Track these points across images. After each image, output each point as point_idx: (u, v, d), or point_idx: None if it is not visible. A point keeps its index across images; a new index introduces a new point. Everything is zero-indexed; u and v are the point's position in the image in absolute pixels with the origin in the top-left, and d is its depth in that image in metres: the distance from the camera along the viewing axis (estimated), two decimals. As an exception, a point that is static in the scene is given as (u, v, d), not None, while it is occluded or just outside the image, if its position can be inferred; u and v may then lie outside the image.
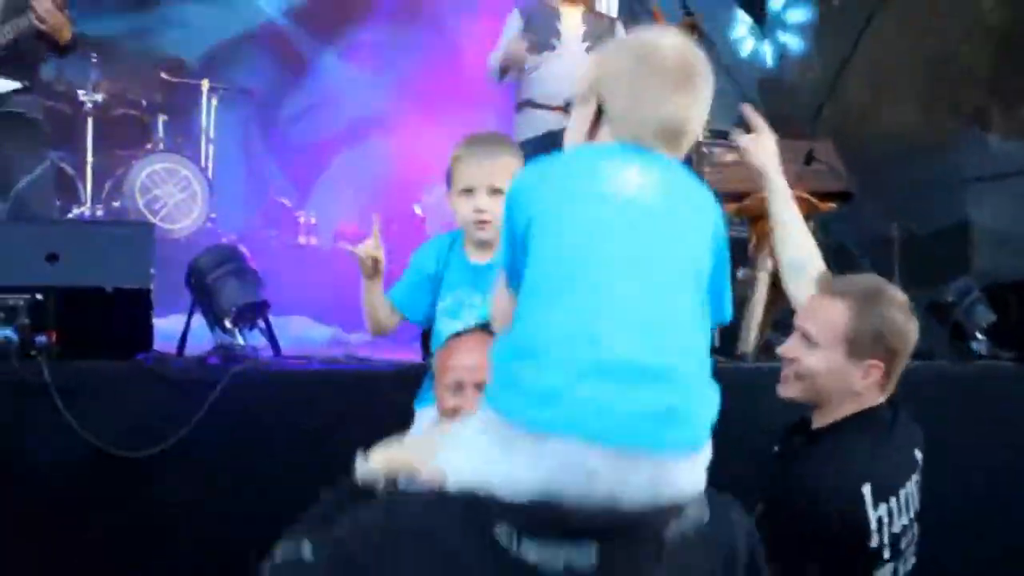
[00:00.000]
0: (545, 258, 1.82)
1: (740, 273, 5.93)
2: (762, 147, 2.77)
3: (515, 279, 1.88)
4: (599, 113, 1.98)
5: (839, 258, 4.72)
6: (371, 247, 2.77)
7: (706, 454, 1.80)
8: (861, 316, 2.42)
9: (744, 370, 3.84)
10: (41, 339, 2.89)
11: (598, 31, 5.06)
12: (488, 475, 1.71)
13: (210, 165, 8.07)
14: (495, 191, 2.68)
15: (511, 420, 1.71)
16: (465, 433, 1.85)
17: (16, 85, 4.19)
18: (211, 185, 7.56)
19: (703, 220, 1.93)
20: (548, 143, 4.40)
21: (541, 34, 5.01)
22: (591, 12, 5.29)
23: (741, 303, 4.67)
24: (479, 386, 2.08)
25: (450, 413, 2.35)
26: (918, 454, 2.51)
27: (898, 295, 2.50)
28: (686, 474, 1.75)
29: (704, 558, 1.79)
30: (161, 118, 7.87)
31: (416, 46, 9.06)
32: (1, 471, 2.77)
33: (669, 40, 1.99)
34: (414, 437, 2.40)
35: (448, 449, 1.86)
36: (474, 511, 1.71)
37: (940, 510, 2.55)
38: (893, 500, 2.38)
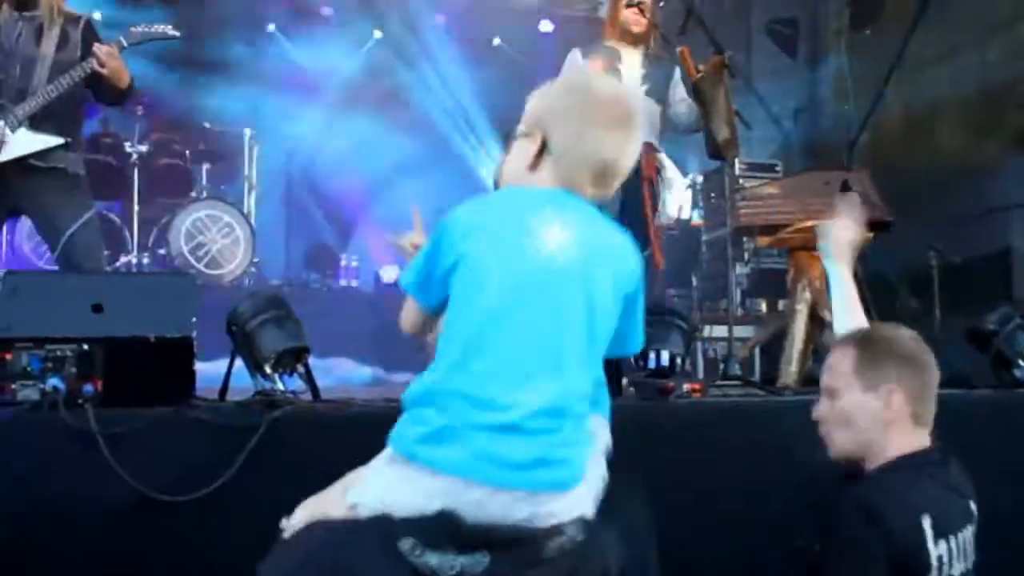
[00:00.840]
0: (464, 315, 2.05)
1: (780, 305, 5.92)
2: (841, 236, 2.95)
3: (425, 298, 2.16)
4: (542, 148, 2.15)
5: (878, 288, 4.69)
6: (415, 237, 2.78)
7: (586, 486, 2.07)
8: (864, 350, 2.49)
9: (787, 402, 3.82)
10: (88, 388, 2.96)
11: (657, 74, 4.95)
12: (391, 501, 1.99)
13: (253, 211, 8.21)
14: None
15: (409, 458, 2.00)
16: (370, 466, 2.09)
17: (59, 141, 4.24)
18: (254, 231, 7.68)
19: (615, 271, 2.15)
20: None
21: None
22: (650, 53, 5.04)
23: (781, 335, 4.65)
24: None
25: None
26: (973, 506, 2.49)
27: (901, 327, 2.56)
28: (562, 506, 2.02)
29: (580, 571, 2.04)
30: (205, 166, 8.03)
31: (459, 84, 9.16)
32: (49, 516, 2.83)
33: (608, 83, 2.28)
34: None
35: (354, 481, 2.10)
36: (381, 528, 1.98)
37: (986, 542, 2.51)
38: (952, 541, 2.35)
